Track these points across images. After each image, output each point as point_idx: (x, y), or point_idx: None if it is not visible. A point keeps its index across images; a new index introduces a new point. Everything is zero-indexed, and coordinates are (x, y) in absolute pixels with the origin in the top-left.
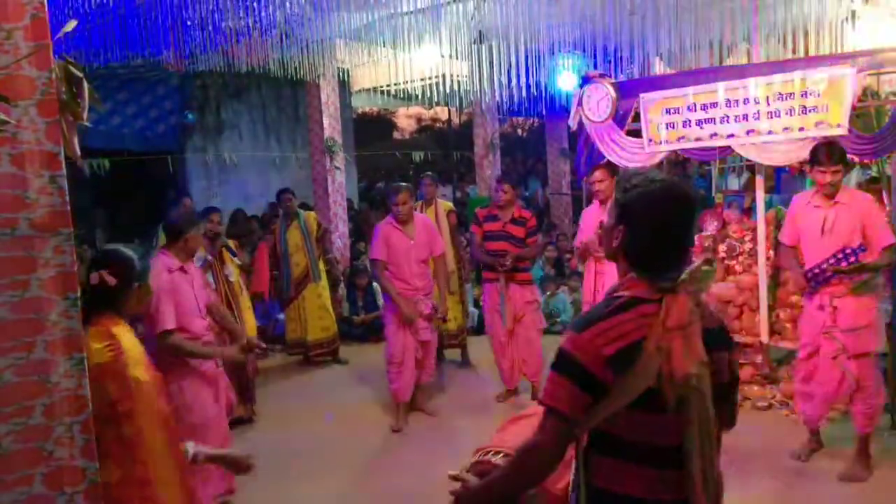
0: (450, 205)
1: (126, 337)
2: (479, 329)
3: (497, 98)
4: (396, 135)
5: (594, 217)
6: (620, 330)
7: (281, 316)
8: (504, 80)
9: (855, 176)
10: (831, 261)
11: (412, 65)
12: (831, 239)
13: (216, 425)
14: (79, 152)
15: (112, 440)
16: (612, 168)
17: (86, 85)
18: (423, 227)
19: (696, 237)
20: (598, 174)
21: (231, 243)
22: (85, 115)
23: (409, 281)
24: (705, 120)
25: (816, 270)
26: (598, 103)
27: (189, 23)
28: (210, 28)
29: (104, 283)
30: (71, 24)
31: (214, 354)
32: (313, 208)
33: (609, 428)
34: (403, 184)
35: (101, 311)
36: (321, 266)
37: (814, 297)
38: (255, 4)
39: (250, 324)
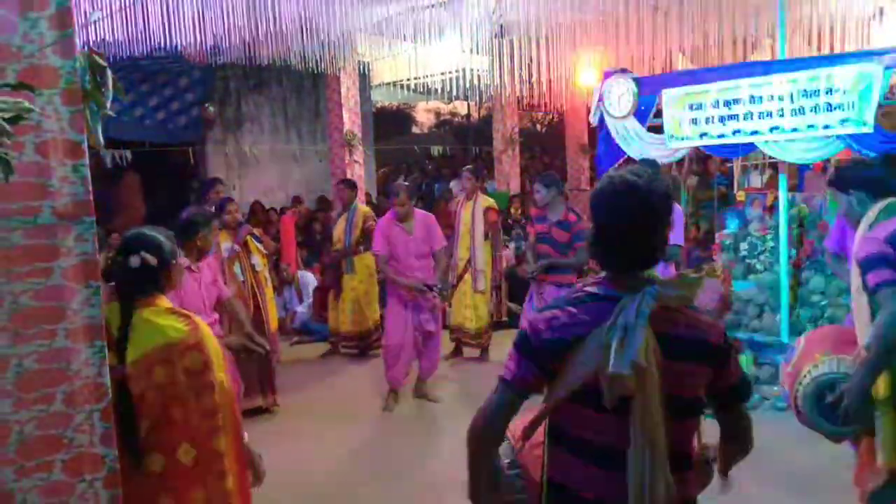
0: (491, 201)
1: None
2: (495, 325)
3: (517, 93)
4: (415, 129)
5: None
6: (564, 321)
7: (300, 308)
8: (524, 74)
9: None
10: None
11: (432, 59)
12: None
13: None
14: (102, 142)
15: (186, 418)
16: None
17: (109, 75)
18: (423, 223)
19: (665, 235)
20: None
21: (255, 231)
22: (108, 105)
23: (411, 274)
24: (728, 116)
25: None
26: (619, 98)
27: (211, 15)
28: (232, 20)
29: (147, 263)
30: (96, 14)
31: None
32: (378, 203)
33: (558, 419)
34: (404, 184)
35: (151, 292)
36: (356, 262)
37: None
38: None
39: (273, 315)
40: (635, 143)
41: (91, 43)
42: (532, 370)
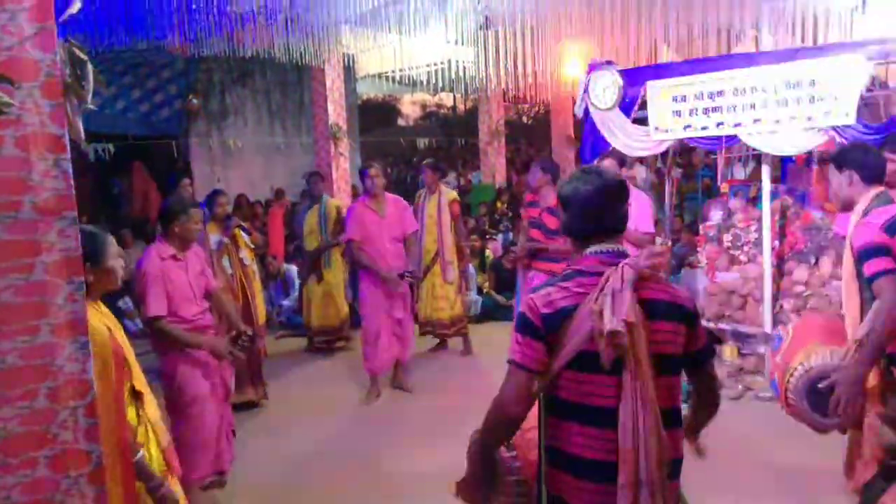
0: (454, 194)
1: (92, 314)
2: (482, 317)
3: (502, 85)
4: (401, 121)
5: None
6: (559, 295)
7: (285, 302)
8: (510, 66)
9: None
10: None
11: (418, 50)
12: None
13: (208, 407)
14: (83, 135)
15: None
16: (620, 157)
17: (90, 67)
18: (395, 205)
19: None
20: (606, 163)
21: (243, 224)
22: (89, 98)
23: (384, 260)
24: (712, 108)
25: None
26: (604, 91)
27: (194, 6)
28: (215, 12)
29: None
30: (76, 6)
31: (200, 344)
32: (357, 195)
33: (554, 390)
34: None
35: None
36: (334, 254)
37: None
38: None
39: (260, 309)
40: (620, 135)
41: (72, 35)
42: (537, 347)
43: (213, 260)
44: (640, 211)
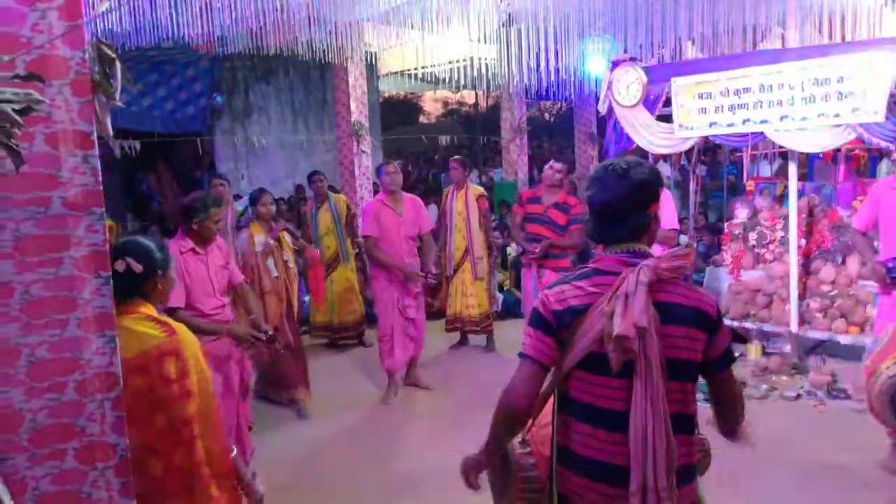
0: (480, 189)
1: (171, 321)
2: (505, 314)
3: (525, 81)
4: (423, 119)
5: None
6: (572, 293)
7: (306, 298)
8: (532, 63)
9: (885, 165)
10: None
11: (440, 48)
12: None
13: (223, 402)
14: (111, 132)
15: (162, 428)
16: (643, 155)
17: (118, 65)
18: (412, 203)
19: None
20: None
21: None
22: (118, 96)
23: (399, 257)
24: (738, 105)
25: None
26: (627, 87)
27: (218, 5)
28: (239, 10)
29: (130, 270)
30: (105, 5)
31: (218, 331)
32: (340, 191)
33: (566, 389)
34: (393, 161)
35: (133, 299)
36: (350, 249)
37: (892, 293)
38: None
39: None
40: (644, 132)
41: (99, 33)
42: (548, 342)
43: (258, 261)
44: (663, 207)
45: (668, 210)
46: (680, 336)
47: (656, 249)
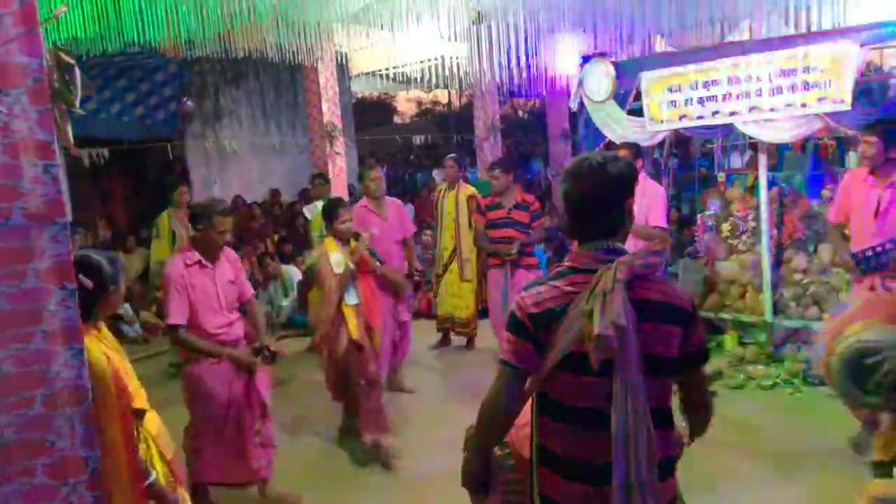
0: (472, 189)
1: (93, 344)
2: (482, 313)
3: (497, 79)
4: (397, 119)
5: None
6: (549, 294)
7: (284, 303)
8: (504, 60)
9: (853, 155)
10: (888, 247)
11: (411, 47)
12: (885, 222)
13: (223, 420)
14: (72, 140)
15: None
16: (635, 148)
17: (78, 72)
18: (396, 209)
19: (627, 208)
20: (622, 153)
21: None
22: (77, 103)
23: (389, 262)
24: (707, 98)
25: (869, 254)
26: (598, 83)
27: (185, 8)
28: (206, 13)
29: (82, 286)
30: (61, 9)
31: (218, 354)
32: (354, 195)
33: (545, 389)
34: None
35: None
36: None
37: (863, 280)
38: None
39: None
40: (616, 127)
41: (62, 41)
42: (527, 346)
43: (338, 286)
44: (654, 205)
45: (659, 207)
46: (656, 332)
47: (639, 245)
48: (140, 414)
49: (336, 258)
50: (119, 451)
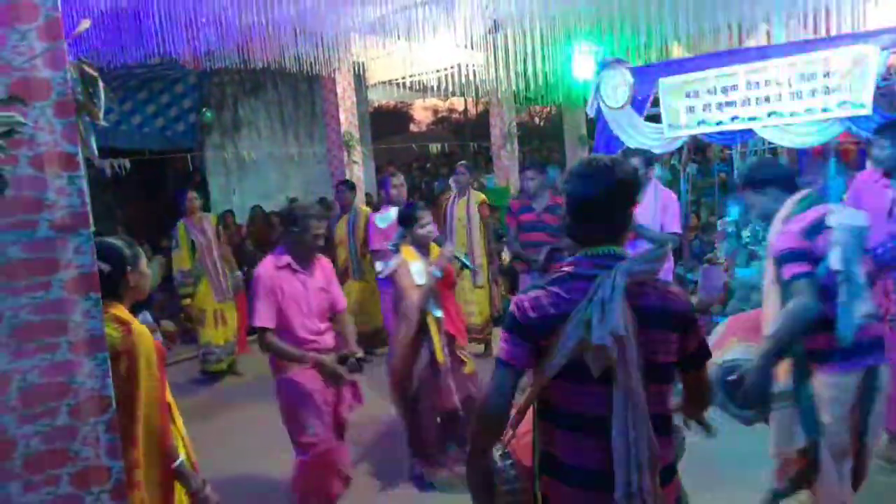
0: (483, 196)
1: (133, 319)
2: (497, 320)
3: (513, 87)
4: (413, 127)
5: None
6: (548, 300)
7: None
8: (520, 68)
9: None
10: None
11: (427, 56)
12: None
13: (319, 425)
14: (96, 152)
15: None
16: (646, 155)
17: (101, 85)
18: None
19: (632, 213)
20: (633, 162)
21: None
22: (101, 116)
23: None
24: (726, 103)
25: (880, 250)
26: (615, 89)
27: (204, 20)
28: (225, 25)
29: (99, 271)
30: (84, 24)
31: (308, 360)
32: (371, 203)
33: (547, 396)
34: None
35: (105, 300)
36: (366, 266)
37: (876, 283)
38: (269, 0)
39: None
40: (633, 133)
41: (84, 53)
42: (524, 347)
43: (421, 301)
44: (668, 210)
45: (672, 212)
46: (656, 339)
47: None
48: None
49: (417, 268)
50: (153, 420)
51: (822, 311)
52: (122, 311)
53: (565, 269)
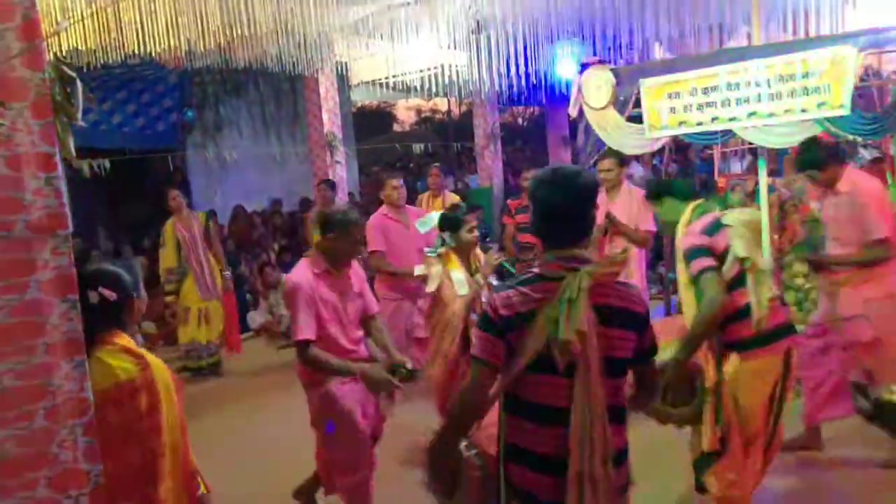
0: (457, 197)
1: (144, 350)
2: None
3: (496, 87)
4: (396, 127)
5: (601, 205)
6: (518, 299)
7: (285, 312)
8: (503, 69)
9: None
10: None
11: (410, 56)
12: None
13: (354, 443)
14: (74, 153)
15: (131, 461)
16: (619, 156)
17: (79, 85)
18: (417, 216)
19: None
20: (606, 163)
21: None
22: (79, 116)
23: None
24: (706, 104)
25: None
26: (597, 90)
27: (185, 19)
28: (206, 24)
29: (105, 300)
30: (63, 24)
31: (352, 371)
32: (359, 203)
33: (514, 389)
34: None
35: (108, 329)
36: None
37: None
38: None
39: None
40: (615, 134)
41: (62, 52)
42: (497, 343)
43: (464, 312)
44: (642, 210)
45: (647, 212)
46: (615, 337)
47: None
48: None
49: (458, 277)
50: (178, 451)
51: (733, 300)
52: (129, 342)
53: (534, 270)
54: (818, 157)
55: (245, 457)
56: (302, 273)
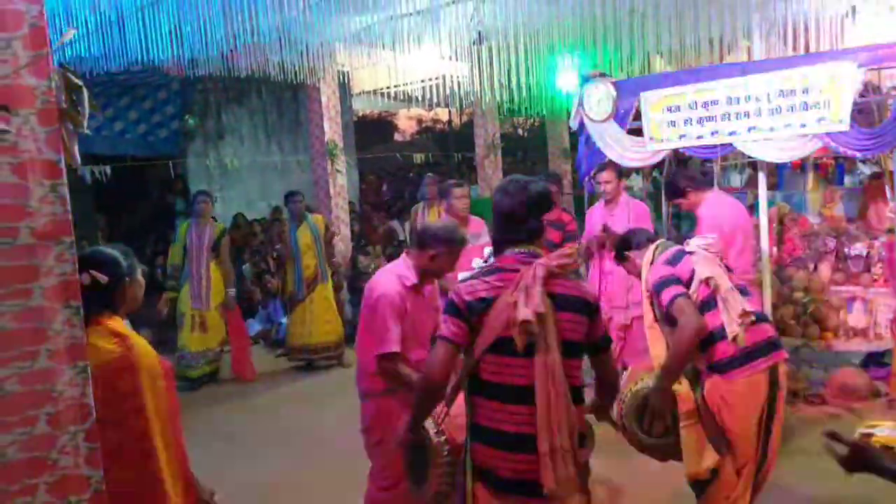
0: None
1: (132, 333)
2: None
3: (497, 98)
4: (397, 137)
5: (598, 217)
6: (481, 287)
7: (284, 320)
8: (504, 80)
9: (848, 179)
10: None
11: (412, 66)
12: None
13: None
14: (79, 160)
15: (120, 441)
16: (618, 169)
17: (85, 93)
18: (476, 227)
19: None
20: (605, 175)
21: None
22: (85, 124)
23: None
24: (706, 118)
25: None
26: (598, 102)
27: (188, 28)
28: (209, 33)
29: (96, 282)
30: (70, 33)
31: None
32: (315, 211)
33: (477, 372)
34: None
35: (99, 311)
36: (328, 268)
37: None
38: (253, 9)
39: None
40: (615, 146)
41: (67, 60)
42: (461, 326)
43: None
44: (637, 219)
45: (642, 222)
46: (569, 320)
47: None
48: None
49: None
50: (168, 433)
51: (706, 323)
52: (118, 323)
53: (495, 264)
54: (679, 188)
55: (234, 464)
56: (392, 283)
